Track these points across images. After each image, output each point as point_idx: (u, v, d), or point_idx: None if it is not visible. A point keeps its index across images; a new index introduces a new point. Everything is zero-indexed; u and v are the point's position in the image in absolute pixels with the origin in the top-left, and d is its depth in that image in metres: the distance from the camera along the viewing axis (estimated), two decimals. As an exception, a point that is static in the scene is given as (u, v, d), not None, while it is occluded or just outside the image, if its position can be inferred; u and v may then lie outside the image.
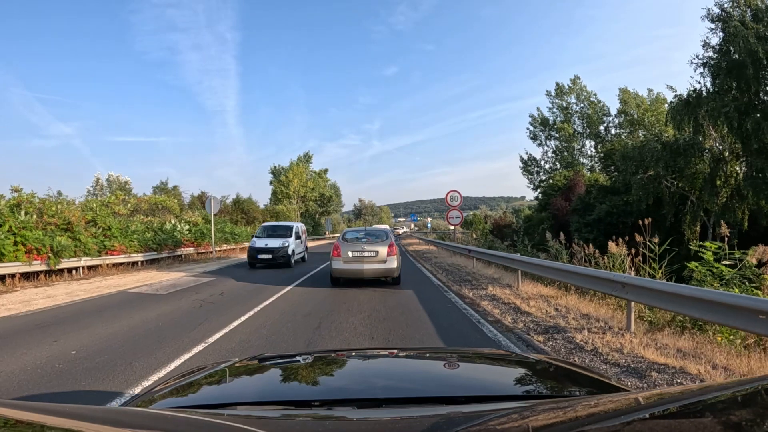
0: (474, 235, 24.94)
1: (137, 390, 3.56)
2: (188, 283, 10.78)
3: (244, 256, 22.29)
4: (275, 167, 53.90)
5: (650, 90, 39.82)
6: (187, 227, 21.51)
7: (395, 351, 2.19)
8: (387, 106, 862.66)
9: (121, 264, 17.01)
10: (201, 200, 31.23)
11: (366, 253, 9.16)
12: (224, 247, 24.83)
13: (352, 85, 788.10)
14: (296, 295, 8.59)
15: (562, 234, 12.48)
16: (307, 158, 55.08)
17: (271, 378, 1.44)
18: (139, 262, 17.89)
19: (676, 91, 18.77)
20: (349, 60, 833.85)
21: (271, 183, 52.98)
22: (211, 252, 21.62)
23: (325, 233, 53.35)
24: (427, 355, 1.95)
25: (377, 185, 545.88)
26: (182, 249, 20.29)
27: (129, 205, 21.23)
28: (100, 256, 16.17)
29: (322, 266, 14.43)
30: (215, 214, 24.03)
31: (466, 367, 1.56)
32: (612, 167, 23.26)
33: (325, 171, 57.63)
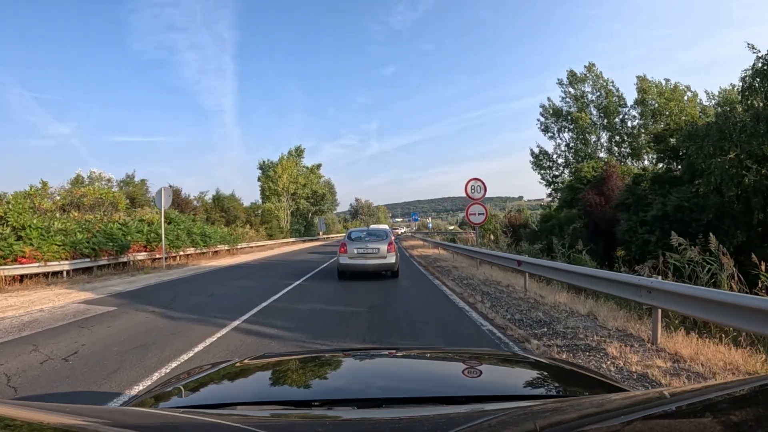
0: (492, 237, 20.61)
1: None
2: (58, 320, 6.37)
3: (214, 263, 17.82)
4: (264, 162, 49.08)
5: (667, 80, 36.00)
6: (137, 226, 17.00)
7: (395, 351, 1.77)
8: (385, 106, 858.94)
9: (36, 275, 12.78)
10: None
11: (369, 250, 9.97)
12: (190, 251, 20.29)
13: (350, 85, 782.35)
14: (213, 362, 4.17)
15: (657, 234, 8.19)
16: (298, 152, 50.32)
17: (271, 378, 1.40)
18: (65, 272, 13.57)
19: (759, 51, 14.52)
20: (347, 59, 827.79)
21: (259, 179, 48.28)
22: (167, 258, 17.18)
23: (318, 233, 48.92)
24: (428, 355, 1.84)
25: (375, 185, 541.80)
26: (130, 254, 15.84)
27: (59, 198, 16.70)
28: (5, 263, 12.00)
29: (301, 280, 10.02)
30: (189, 212, 19.78)
31: (466, 367, 1.48)
32: (666, 152, 18.79)
33: (318, 166, 53.03)
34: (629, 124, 37.99)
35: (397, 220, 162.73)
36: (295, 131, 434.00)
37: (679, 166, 17.82)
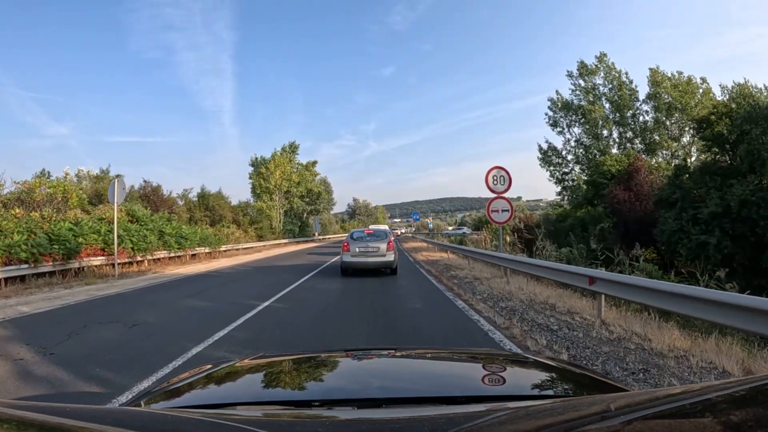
0: (507, 239, 18.05)
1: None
2: None
3: (183, 270, 14.89)
4: (256, 158, 46.32)
5: (680, 72, 33.78)
6: (93, 226, 14.31)
7: (395, 351, 1.75)
8: (384, 107, 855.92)
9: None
10: (144, 191, 23.77)
11: (370, 249, 10.76)
12: (162, 254, 17.61)
13: (349, 85, 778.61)
14: None
15: None
16: (292, 148, 47.55)
17: (271, 378, 1.37)
18: (-6, 282, 10.93)
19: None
20: (346, 60, 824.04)
21: (250, 177, 45.53)
22: (130, 263, 14.52)
23: (313, 234, 46.24)
24: (428, 355, 1.80)
25: (373, 186, 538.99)
26: (82, 258, 13.18)
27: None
28: None
29: (273, 299, 7.36)
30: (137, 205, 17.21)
31: (466, 367, 1.49)
32: (715, 139, 16.15)
33: (314, 163, 50.25)
34: (641, 119, 35.70)
35: (396, 220, 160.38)
36: (294, 131, 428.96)
37: (727, 156, 15.31)
